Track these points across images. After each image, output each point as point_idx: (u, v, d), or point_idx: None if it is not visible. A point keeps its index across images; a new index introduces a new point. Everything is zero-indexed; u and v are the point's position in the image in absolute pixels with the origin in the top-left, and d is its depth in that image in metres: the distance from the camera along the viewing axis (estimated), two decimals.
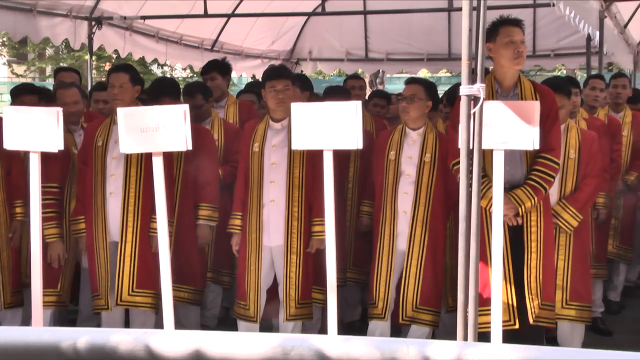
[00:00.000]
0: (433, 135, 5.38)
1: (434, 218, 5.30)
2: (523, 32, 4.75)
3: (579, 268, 5.16)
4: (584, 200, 5.25)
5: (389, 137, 5.51)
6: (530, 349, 2.49)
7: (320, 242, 5.22)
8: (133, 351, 2.71)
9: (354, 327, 6.24)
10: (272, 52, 11.65)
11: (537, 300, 4.75)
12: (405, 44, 11.46)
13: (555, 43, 10.90)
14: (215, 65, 7.03)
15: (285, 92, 5.31)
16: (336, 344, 2.58)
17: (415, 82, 5.46)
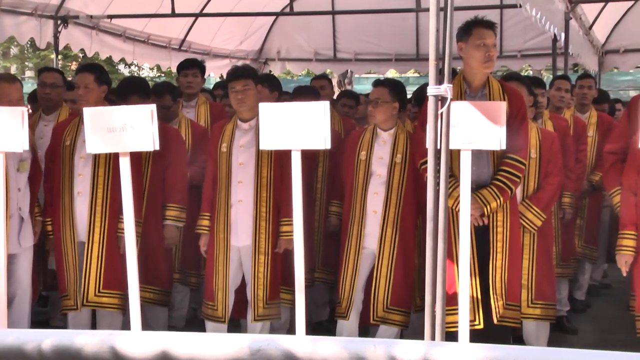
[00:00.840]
0: (404, 136, 5.39)
1: (404, 218, 5.31)
2: (496, 35, 4.77)
3: (543, 267, 5.19)
4: (547, 200, 5.30)
5: (359, 137, 5.51)
6: (496, 348, 2.51)
7: (289, 242, 5.21)
8: (98, 353, 2.69)
9: (323, 327, 6.24)
10: (240, 52, 11.62)
11: (502, 301, 4.77)
12: (373, 44, 11.49)
13: (522, 44, 11.00)
14: (197, 62, 6.99)
15: (245, 92, 5.29)
16: (303, 344, 2.58)
17: (380, 85, 5.46)
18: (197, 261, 6.13)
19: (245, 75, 5.33)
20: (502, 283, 4.78)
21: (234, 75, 5.38)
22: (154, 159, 5.51)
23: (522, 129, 4.79)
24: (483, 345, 2.54)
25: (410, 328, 5.47)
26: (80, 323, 5.40)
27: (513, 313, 4.87)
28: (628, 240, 4.88)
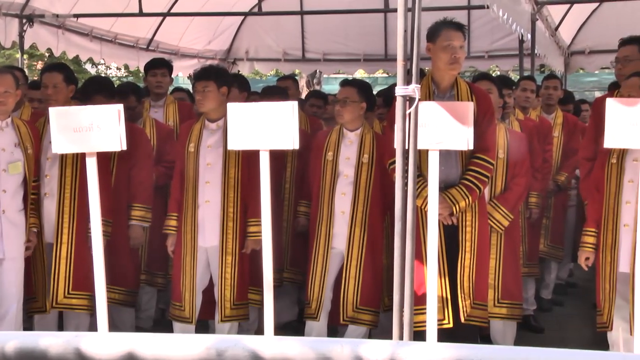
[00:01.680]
0: (370, 136, 5.40)
1: (372, 218, 5.33)
2: (465, 37, 4.80)
3: (510, 267, 5.24)
4: (514, 200, 5.34)
5: (326, 137, 5.52)
6: (464, 347, 2.52)
7: (256, 243, 5.21)
8: (63, 355, 2.67)
9: (291, 328, 6.24)
10: (208, 51, 11.58)
11: (470, 300, 4.80)
12: (342, 45, 11.50)
13: (489, 45, 11.07)
14: (165, 62, 6.96)
15: (203, 94, 5.29)
16: (270, 345, 2.58)
17: (347, 85, 5.47)
18: (164, 262, 6.11)
19: (205, 77, 5.31)
20: (470, 282, 4.81)
21: (196, 76, 5.44)
22: (119, 159, 5.48)
23: (490, 130, 4.82)
24: (450, 344, 2.55)
25: (379, 328, 5.48)
26: (47, 325, 5.35)
27: (481, 312, 4.89)
28: (589, 238, 4.94)
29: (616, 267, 4.78)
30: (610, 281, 4.81)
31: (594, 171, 5.06)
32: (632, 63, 5.25)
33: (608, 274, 4.82)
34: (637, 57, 5.27)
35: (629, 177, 4.69)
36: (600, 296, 4.88)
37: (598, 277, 4.91)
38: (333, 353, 2.43)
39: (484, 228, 4.95)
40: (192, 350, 2.59)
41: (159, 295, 6.46)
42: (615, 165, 4.85)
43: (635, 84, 4.83)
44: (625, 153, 4.80)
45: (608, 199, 4.86)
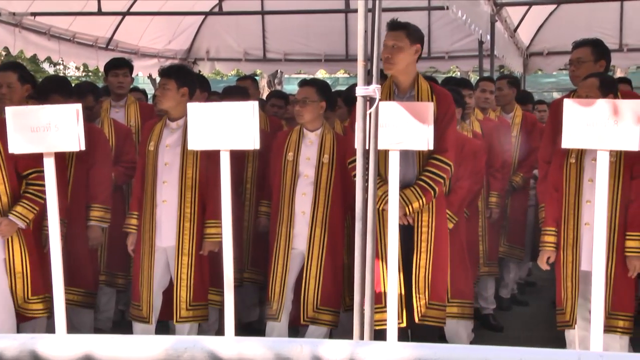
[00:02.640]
0: (331, 136, 5.41)
1: (332, 218, 5.33)
2: (406, 36, 4.76)
3: (458, 266, 5.25)
4: (459, 202, 5.36)
5: (286, 137, 5.51)
6: (422, 346, 2.53)
7: (213, 245, 5.20)
8: (19, 357, 2.63)
9: (252, 328, 6.23)
10: (168, 51, 11.50)
11: (425, 300, 4.80)
12: (303, 45, 11.50)
13: (449, 45, 11.13)
14: (126, 62, 6.90)
15: (163, 91, 5.28)
16: (229, 345, 2.57)
17: (307, 85, 5.46)
18: (124, 262, 6.06)
19: (167, 75, 5.31)
20: (425, 282, 4.81)
21: (159, 73, 5.44)
22: (77, 159, 5.43)
23: (449, 130, 4.83)
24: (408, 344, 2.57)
25: (340, 327, 5.49)
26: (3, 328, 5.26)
27: (437, 312, 4.89)
28: (549, 237, 4.99)
29: (578, 266, 4.84)
30: (572, 280, 4.86)
31: (552, 171, 5.11)
32: (585, 65, 5.31)
33: (570, 272, 4.87)
34: (590, 59, 5.33)
35: (589, 177, 4.74)
36: (561, 295, 4.93)
37: (558, 276, 4.96)
38: (292, 353, 2.43)
39: (442, 229, 4.95)
40: (150, 351, 2.57)
41: (119, 296, 6.40)
42: (574, 165, 4.90)
43: (592, 85, 4.88)
44: (584, 153, 4.85)
45: (568, 198, 4.91)
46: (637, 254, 4.81)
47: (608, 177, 3.57)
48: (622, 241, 4.81)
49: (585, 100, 3.85)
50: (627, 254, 4.80)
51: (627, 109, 3.64)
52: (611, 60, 5.47)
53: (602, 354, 2.92)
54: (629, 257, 4.80)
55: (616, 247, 4.81)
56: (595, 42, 5.42)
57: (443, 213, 4.99)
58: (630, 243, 4.80)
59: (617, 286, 4.83)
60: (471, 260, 5.80)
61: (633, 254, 4.80)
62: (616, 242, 4.81)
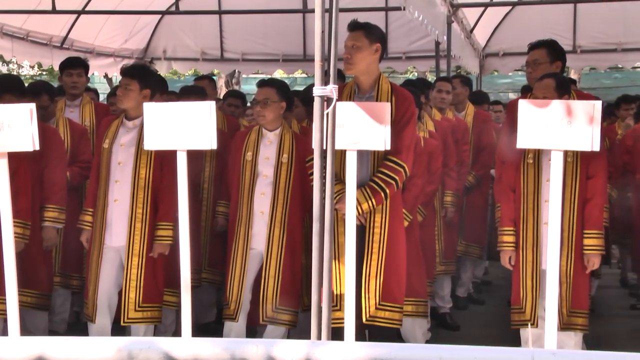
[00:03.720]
0: (290, 135, 5.40)
1: (291, 218, 5.32)
2: (365, 36, 4.76)
3: (412, 265, 5.25)
4: (412, 201, 5.36)
5: (245, 137, 5.49)
6: (378, 346, 2.54)
7: (164, 247, 5.19)
8: None
9: (210, 329, 6.19)
10: (125, 50, 11.39)
11: (375, 301, 4.77)
12: (260, 45, 11.47)
13: (406, 46, 11.18)
14: (81, 62, 6.81)
15: (125, 91, 5.26)
16: (184, 346, 2.55)
17: (266, 85, 5.44)
18: (79, 263, 6.00)
19: (130, 75, 5.28)
20: (376, 284, 4.77)
21: (122, 71, 5.41)
22: (32, 159, 5.35)
23: (406, 132, 4.80)
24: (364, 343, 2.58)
25: (298, 328, 5.49)
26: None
27: (391, 314, 4.84)
28: (508, 237, 5.04)
29: (538, 265, 4.89)
30: (532, 279, 4.91)
31: (507, 171, 5.15)
32: (542, 66, 5.38)
33: (530, 272, 4.93)
34: (545, 60, 5.40)
35: (547, 177, 4.77)
36: (519, 294, 4.97)
37: (516, 275, 5.00)
38: (247, 354, 2.42)
39: (398, 230, 4.90)
40: (104, 352, 2.55)
41: (74, 297, 6.33)
42: (532, 165, 4.96)
43: (549, 86, 4.94)
44: (541, 153, 4.91)
45: (526, 199, 4.96)
46: (594, 251, 4.89)
47: (565, 176, 3.64)
48: (580, 239, 4.90)
49: (540, 101, 3.90)
50: (585, 251, 4.89)
51: (580, 110, 3.69)
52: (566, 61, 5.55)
53: (555, 352, 2.96)
54: (587, 255, 4.89)
55: (574, 246, 4.89)
56: (550, 44, 5.49)
57: (399, 214, 4.97)
58: (588, 241, 4.89)
59: (575, 284, 4.91)
60: (427, 260, 5.83)
61: (591, 252, 4.89)
62: (574, 240, 4.89)
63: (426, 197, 5.84)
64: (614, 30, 10.78)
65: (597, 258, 4.93)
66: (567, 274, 4.89)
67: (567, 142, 3.71)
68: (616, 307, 7.53)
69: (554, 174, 3.72)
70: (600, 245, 4.93)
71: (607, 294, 7.99)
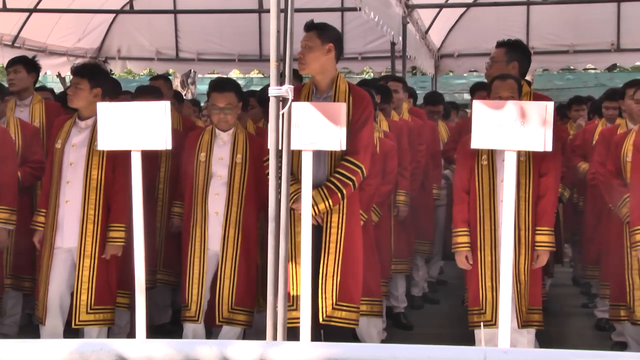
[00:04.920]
0: (243, 135, 5.39)
1: (246, 219, 5.31)
2: (317, 36, 4.78)
3: (367, 264, 5.26)
4: (367, 200, 5.36)
5: (198, 137, 5.47)
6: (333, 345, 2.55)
7: (116, 249, 5.16)
8: None
9: (165, 330, 6.15)
10: (78, 49, 11.24)
11: (332, 301, 4.75)
12: (216, 45, 11.41)
13: (362, 46, 11.20)
14: (21, 59, 6.71)
15: (75, 90, 5.22)
16: (137, 347, 2.54)
17: (226, 90, 5.36)
18: (31, 265, 5.91)
19: (80, 74, 5.25)
20: (333, 284, 4.76)
21: (72, 70, 5.37)
22: None
23: (364, 132, 4.80)
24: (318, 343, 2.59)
25: (254, 328, 5.49)
26: None
27: (348, 314, 4.83)
28: (462, 237, 5.07)
29: (497, 266, 4.92)
30: (492, 279, 4.95)
31: (460, 173, 5.20)
32: (497, 64, 5.46)
33: (489, 272, 4.97)
34: (502, 59, 5.48)
35: (502, 177, 4.81)
36: (479, 295, 5.00)
37: (474, 276, 5.04)
38: (201, 355, 2.41)
39: (355, 230, 4.90)
40: (55, 355, 2.52)
41: (26, 299, 6.24)
42: (486, 166, 5.01)
43: (513, 87, 5.01)
44: (495, 154, 4.96)
45: (482, 200, 5.00)
46: (545, 247, 4.96)
47: (519, 176, 3.68)
48: (534, 237, 4.96)
49: (494, 102, 3.95)
50: (537, 248, 4.95)
51: (533, 111, 3.74)
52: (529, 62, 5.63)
53: (507, 351, 3.00)
54: (537, 251, 4.95)
55: (531, 245, 4.95)
56: (511, 44, 5.56)
57: (356, 214, 4.97)
58: (539, 237, 4.96)
59: (532, 282, 4.97)
60: (382, 259, 5.85)
61: (542, 248, 4.96)
62: (530, 239, 4.95)
63: (381, 197, 5.86)
64: (566, 32, 10.94)
65: (547, 255, 5.01)
66: (524, 272, 4.95)
67: (521, 143, 3.76)
68: (568, 305, 7.63)
69: (507, 173, 3.77)
70: (551, 242, 5.01)
71: (560, 292, 8.09)
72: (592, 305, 7.14)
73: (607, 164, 5.77)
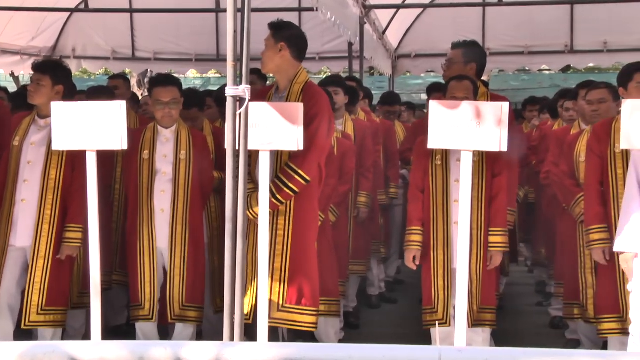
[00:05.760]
0: (186, 131, 5.39)
1: (192, 214, 5.31)
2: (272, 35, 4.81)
3: (325, 264, 5.28)
4: (325, 201, 5.37)
5: (140, 135, 5.44)
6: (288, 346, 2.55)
7: (71, 249, 5.12)
8: None
9: (121, 331, 6.10)
10: (32, 48, 11.10)
11: (278, 302, 4.71)
12: (173, 44, 11.36)
13: (320, 47, 11.22)
14: None
15: (36, 87, 5.17)
16: (89, 349, 2.51)
17: (170, 84, 5.37)
18: None
19: (42, 70, 5.20)
20: (281, 285, 4.72)
21: (34, 67, 5.29)
22: None
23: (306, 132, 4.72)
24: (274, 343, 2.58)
25: (210, 328, 5.47)
26: None
27: (300, 317, 4.75)
28: (415, 236, 5.11)
29: (450, 264, 4.97)
30: (444, 278, 4.99)
31: (415, 173, 5.23)
32: (456, 66, 5.49)
33: (442, 271, 5.01)
34: (460, 60, 5.52)
35: (455, 177, 4.87)
36: (432, 294, 5.04)
37: (427, 276, 5.07)
38: (155, 356, 2.40)
39: (302, 232, 4.82)
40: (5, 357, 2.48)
41: None
42: (440, 166, 5.04)
43: (469, 88, 5.06)
44: (449, 154, 5.00)
45: (436, 199, 5.04)
46: (499, 248, 5.01)
47: (472, 176, 3.71)
48: (488, 238, 5.00)
49: (450, 103, 3.98)
50: (490, 248, 5.00)
51: (488, 112, 3.78)
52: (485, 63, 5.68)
53: (462, 349, 3.02)
54: (491, 252, 5.00)
55: (483, 244, 5.00)
56: (468, 45, 5.59)
57: (305, 217, 4.85)
58: (493, 238, 5.01)
59: (484, 281, 5.02)
60: (340, 259, 5.86)
61: (496, 249, 5.01)
62: (483, 239, 5.00)
63: (339, 198, 5.88)
64: (521, 33, 11.09)
65: (500, 255, 5.06)
66: (477, 271, 4.99)
67: (476, 143, 3.79)
68: (523, 304, 7.72)
69: (463, 174, 3.80)
70: (504, 243, 5.06)
71: (515, 291, 8.17)
72: (547, 304, 7.22)
73: (561, 164, 5.85)
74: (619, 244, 4.32)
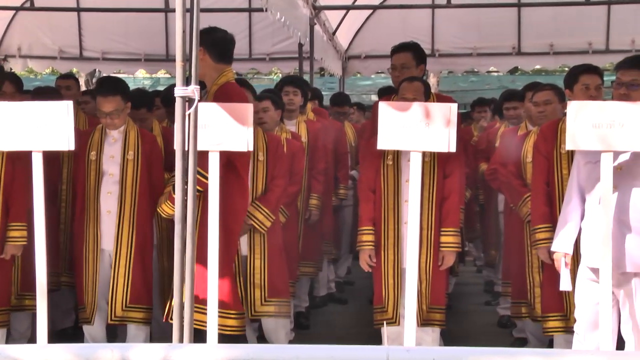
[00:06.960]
0: (135, 132, 5.36)
1: (140, 216, 5.29)
2: None
3: (275, 265, 5.29)
4: (275, 201, 5.37)
5: (88, 136, 5.39)
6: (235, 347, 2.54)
7: (16, 248, 5.06)
8: None
9: (68, 335, 6.02)
10: None
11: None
12: (121, 44, 11.24)
13: (270, 47, 11.22)
14: None
15: None
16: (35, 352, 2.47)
17: (111, 93, 5.30)
18: None
19: None
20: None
21: None
22: None
23: None
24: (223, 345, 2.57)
25: (161, 331, 5.43)
26: None
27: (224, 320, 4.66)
28: (367, 236, 5.12)
29: (400, 264, 4.99)
30: (394, 277, 5.01)
31: (366, 172, 5.25)
32: (409, 70, 5.39)
33: (391, 271, 5.03)
34: (412, 64, 5.41)
35: (406, 177, 4.88)
36: (382, 293, 5.06)
37: (378, 275, 5.09)
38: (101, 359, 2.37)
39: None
40: None
41: None
42: (391, 166, 5.07)
43: (419, 89, 5.07)
44: (400, 154, 5.02)
45: (387, 199, 5.06)
46: (451, 248, 5.05)
47: (423, 176, 3.74)
48: (438, 238, 5.04)
49: (399, 104, 4.00)
50: (441, 249, 5.03)
51: (437, 113, 3.80)
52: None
53: (409, 349, 3.04)
54: (442, 252, 5.03)
55: (433, 244, 5.03)
56: (414, 47, 5.59)
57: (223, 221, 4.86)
58: (445, 238, 5.04)
59: (434, 281, 5.05)
60: (290, 260, 5.85)
61: (448, 249, 5.04)
62: (433, 239, 5.03)
63: (289, 198, 5.87)
64: (469, 35, 11.21)
65: (452, 255, 5.09)
66: (426, 271, 5.02)
67: (426, 144, 3.81)
68: (472, 303, 7.79)
69: (412, 174, 3.82)
70: (457, 243, 5.10)
71: (464, 291, 8.25)
72: (495, 303, 7.30)
73: (508, 164, 5.91)
74: (554, 243, 4.45)
